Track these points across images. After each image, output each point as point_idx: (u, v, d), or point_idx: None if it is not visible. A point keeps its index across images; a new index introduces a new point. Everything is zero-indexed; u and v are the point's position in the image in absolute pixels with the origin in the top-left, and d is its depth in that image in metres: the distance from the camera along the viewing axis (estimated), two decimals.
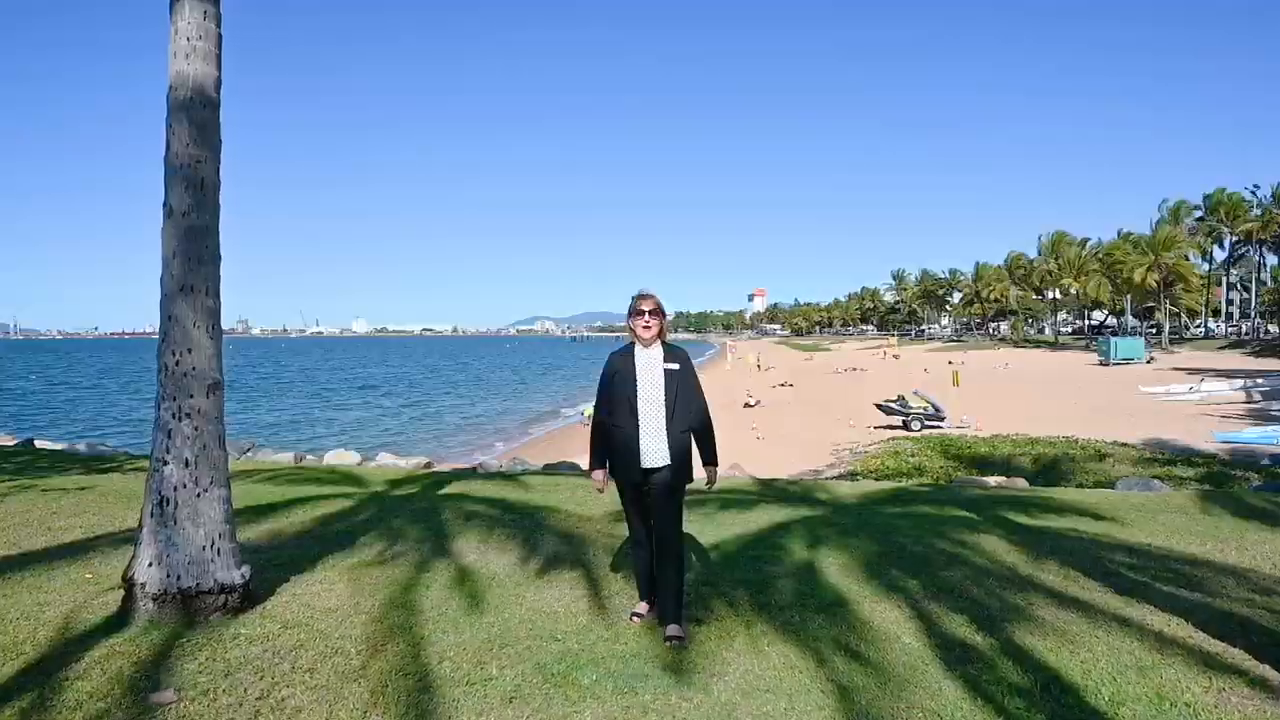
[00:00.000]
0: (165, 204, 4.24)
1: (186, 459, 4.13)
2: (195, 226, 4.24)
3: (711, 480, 4.31)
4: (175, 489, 4.10)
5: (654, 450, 4.07)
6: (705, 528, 6.38)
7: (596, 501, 6.77)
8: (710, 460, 4.29)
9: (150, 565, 4.05)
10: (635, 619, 4.23)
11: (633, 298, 4.25)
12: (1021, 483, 8.83)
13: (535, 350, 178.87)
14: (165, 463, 4.12)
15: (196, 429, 4.16)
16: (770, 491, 8.31)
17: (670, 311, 4.47)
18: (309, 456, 11.29)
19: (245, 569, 4.30)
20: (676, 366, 4.15)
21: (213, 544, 4.14)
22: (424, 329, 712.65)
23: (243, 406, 43.50)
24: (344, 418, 38.27)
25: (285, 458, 10.83)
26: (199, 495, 4.14)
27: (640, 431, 4.07)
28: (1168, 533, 6.18)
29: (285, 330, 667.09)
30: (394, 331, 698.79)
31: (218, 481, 4.23)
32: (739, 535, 6.12)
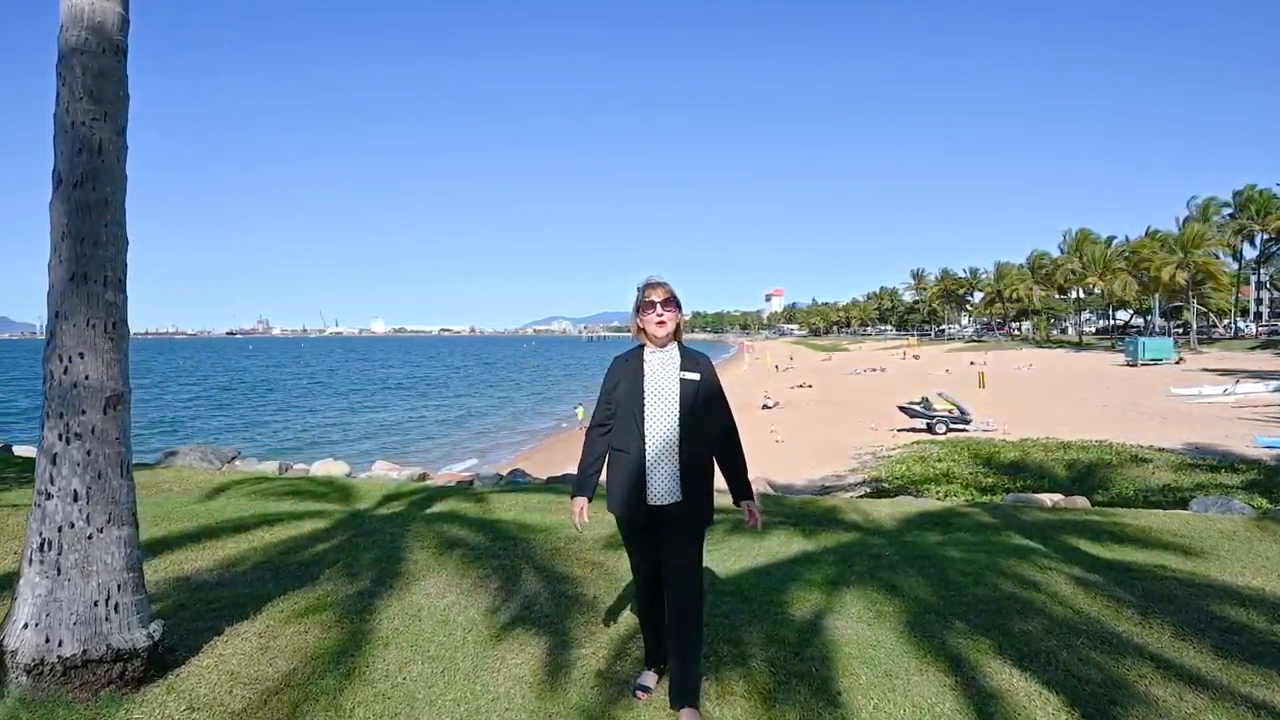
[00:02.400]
0: (54, 172, 3.40)
1: (75, 491, 3.28)
2: (91, 201, 3.39)
3: (753, 518, 3.32)
4: (60, 529, 3.26)
5: (664, 483, 3.18)
6: (723, 559, 5.48)
7: (597, 526, 5.88)
8: (744, 493, 3.36)
9: (25, 627, 3.20)
10: (640, 694, 3.34)
11: (639, 287, 3.35)
12: (1082, 502, 7.84)
13: (553, 350, 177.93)
14: (49, 496, 3.28)
15: (89, 453, 3.31)
16: (796, 511, 7.40)
17: (687, 312, 3.55)
18: (297, 466, 10.49)
19: (155, 626, 3.45)
20: (696, 376, 3.26)
21: (108, 598, 3.29)
22: (441, 329, 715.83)
23: (257, 409, 43.09)
24: (354, 420, 37.60)
25: (269, 467, 10.02)
26: (91, 537, 3.29)
27: (647, 458, 3.19)
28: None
29: (305, 330, 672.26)
30: (412, 331, 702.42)
31: (117, 519, 3.38)
32: (761, 569, 5.21)
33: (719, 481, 3.31)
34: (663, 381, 3.25)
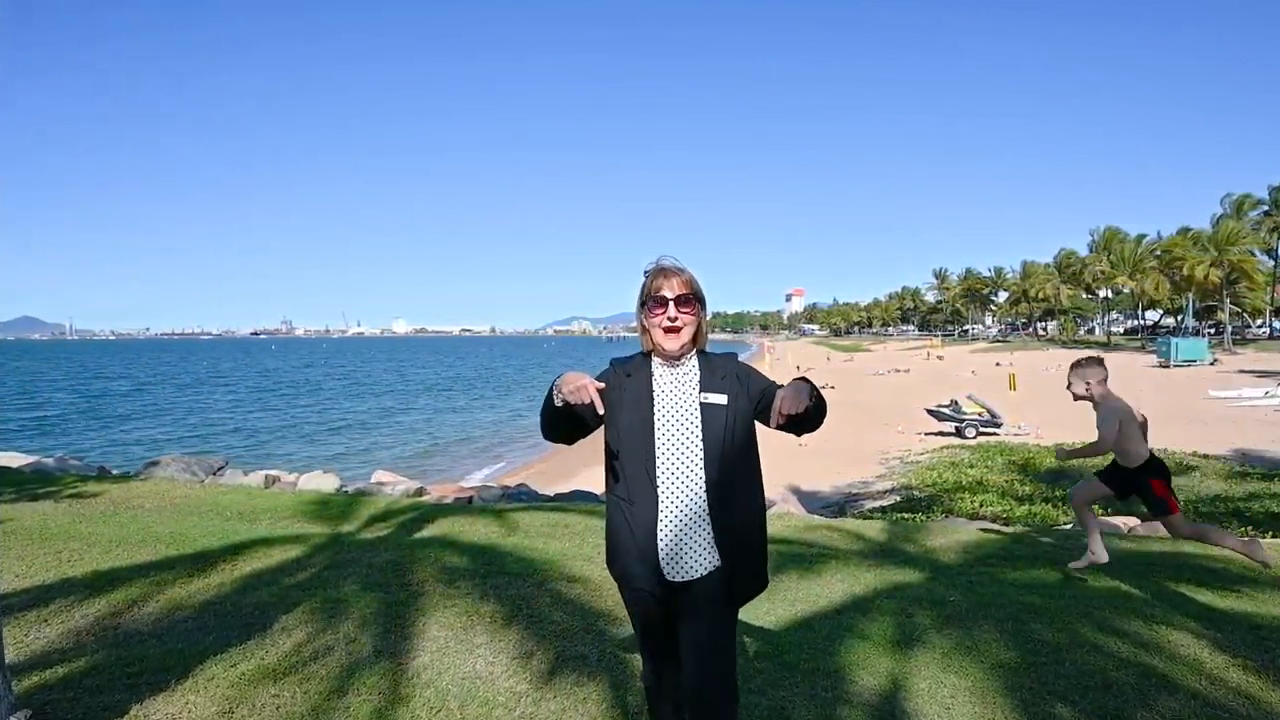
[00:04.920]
0: None
1: None
2: None
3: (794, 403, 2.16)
4: None
5: (688, 547, 2.30)
6: (754, 604, 4.57)
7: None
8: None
9: None
10: None
11: (646, 273, 2.46)
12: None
13: (575, 351, 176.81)
14: None
15: None
16: (837, 538, 6.50)
17: (706, 312, 2.58)
18: (287, 476, 9.70)
19: (17, 718, 2.64)
20: (723, 399, 2.35)
21: None
22: (462, 329, 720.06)
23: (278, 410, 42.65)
24: (364, 425, 36.94)
25: (255, 480, 9.23)
26: None
27: (661, 513, 2.30)
28: None
29: (328, 330, 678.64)
30: (433, 332, 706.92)
31: None
32: (803, 621, 4.31)
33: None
34: (677, 408, 2.36)
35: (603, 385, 2.24)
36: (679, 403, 2.36)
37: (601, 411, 2.26)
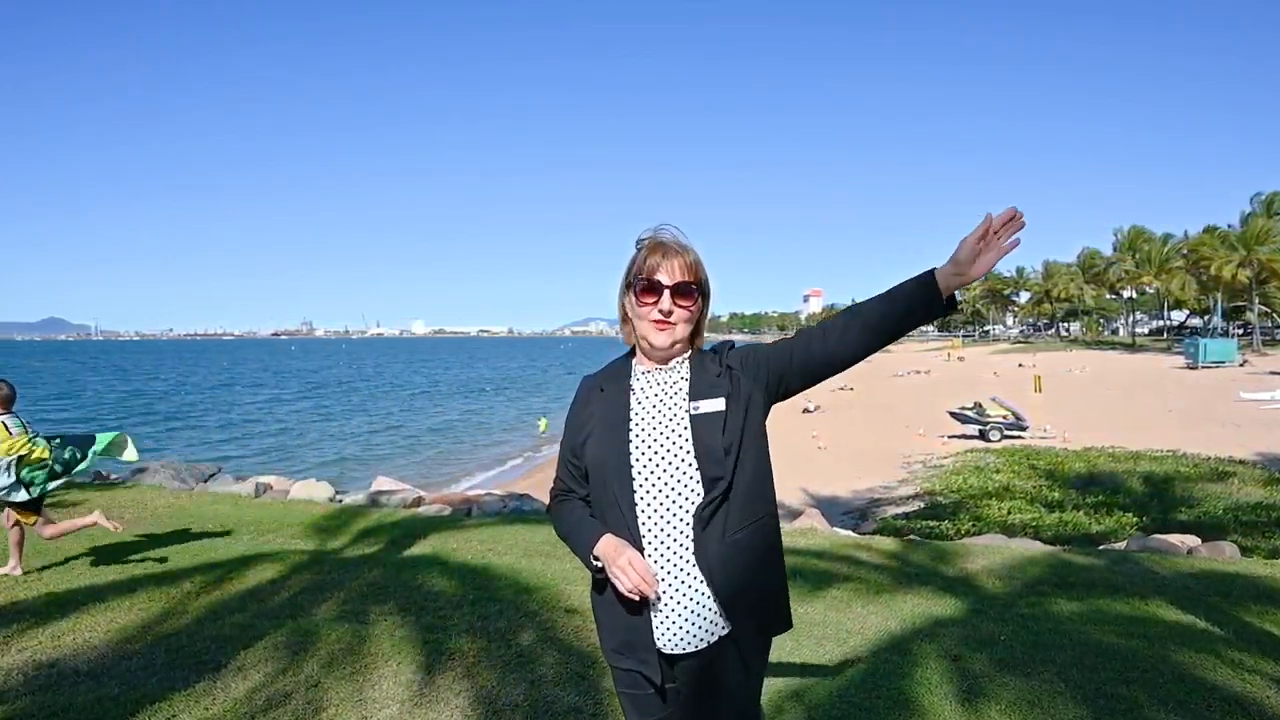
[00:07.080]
0: None
1: None
2: None
3: None
4: None
5: (681, 609, 1.71)
6: (778, 645, 4.03)
7: None
8: None
9: None
10: None
11: (639, 243, 1.83)
12: (1229, 549, 6.16)
13: (592, 351, 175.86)
14: None
15: None
16: (866, 558, 5.91)
17: (722, 312, 1.91)
18: (279, 484, 9.23)
19: None
20: (719, 405, 1.72)
21: None
22: (480, 330, 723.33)
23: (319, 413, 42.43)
24: (378, 426, 36.56)
25: (245, 488, 8.74)
26: None
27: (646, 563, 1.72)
28: None
29: (347, 331, 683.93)
30: (451, 332, 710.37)
31: None
32: (833, 664, 3.73)
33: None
34: (660, 425, 1.75)
35: (656, 576, 1.70)
36: (663, 418, 1.76)
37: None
